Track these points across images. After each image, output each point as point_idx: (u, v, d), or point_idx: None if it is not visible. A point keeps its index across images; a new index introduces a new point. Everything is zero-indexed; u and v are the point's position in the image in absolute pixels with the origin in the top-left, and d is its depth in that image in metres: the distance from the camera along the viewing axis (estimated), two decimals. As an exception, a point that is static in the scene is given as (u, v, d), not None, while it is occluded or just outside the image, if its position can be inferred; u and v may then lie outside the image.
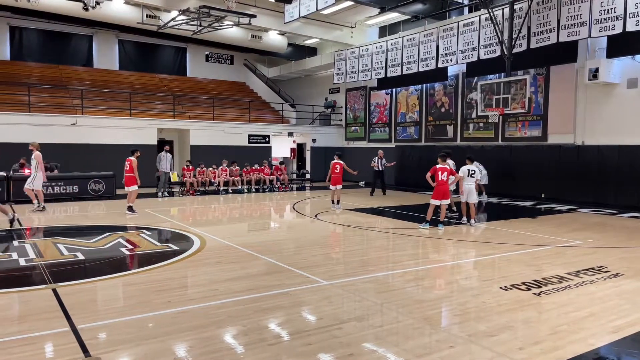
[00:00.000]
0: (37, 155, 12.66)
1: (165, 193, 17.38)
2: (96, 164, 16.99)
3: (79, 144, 18.00)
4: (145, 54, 26.89)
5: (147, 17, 20.37)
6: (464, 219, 11.19)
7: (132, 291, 5.86)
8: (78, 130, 18.11)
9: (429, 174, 10.49)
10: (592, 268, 7.03)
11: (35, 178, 12.67)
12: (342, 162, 14.32)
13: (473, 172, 11.02)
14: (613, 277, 6.56)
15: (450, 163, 11.24)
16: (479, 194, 13.88)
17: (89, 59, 25.36)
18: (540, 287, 6.03)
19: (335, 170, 13.93)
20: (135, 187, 12.70)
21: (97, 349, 4.08)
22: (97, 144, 18.29)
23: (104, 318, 4.86)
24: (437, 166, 10.41)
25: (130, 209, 12.45)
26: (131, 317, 4.89)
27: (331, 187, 13.90)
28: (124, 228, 10.37)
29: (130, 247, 8.39)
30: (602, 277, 6.55)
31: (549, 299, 5.55)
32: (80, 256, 7.57)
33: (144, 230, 10.05)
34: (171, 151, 22.16)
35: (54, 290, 5.71)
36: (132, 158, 12.80)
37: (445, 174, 10.31)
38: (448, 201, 10.55)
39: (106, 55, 25.68)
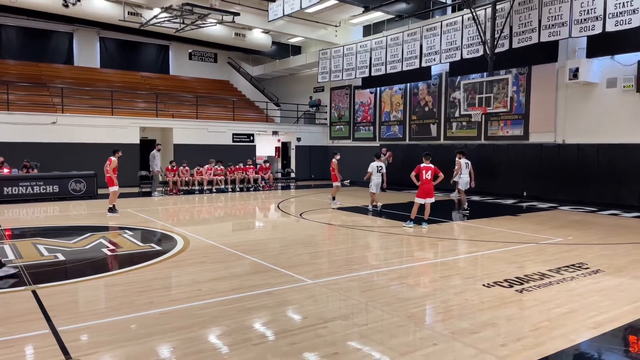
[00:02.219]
0: None
1: (160, 193, 17.21)
2: (77, 163, 16.73)
3: (60, 143, 17.72)
4: (127, 51, 26.53)
5: (128, 14, 20.11)
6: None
7: (114, 292, 5.79)
8: (58, 129, 17.82)
9: (413, 173, 10.54)
10: (573, 265, 7.14)
11: None
12: (334, 161, 15.05)
13: (380, 167, 13.14)
14: (593, 273, 6.68)
15: (463, 162, 12.98)
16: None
17: (69, 56, 24.94)
18: (522, 284, 6.11)
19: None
20: (115, 188, 12.36)
21: (78, 350, 4.01)
22: (78, 143, 18.01)
23: (85, 320, 4.79)
24: (422, 165, 10.44)
25: (110, 209, 12.26)
26: (113, 318, 4.82)
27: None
28: (105, 228, 10.23)
29: (112, 247, 8.28)
30: (583, 273, 6.66)
31: (531, 296, 5.63)
32: (61, 257, 7.45)
33: (126, 231, 9.93)
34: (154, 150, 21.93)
35: (34, 292, 5.61)
36: (113, 158, 12.50)
37: (430, 172, 10.31)
38: (432, 200, 10.54)
39: (87, 53, 25.28)
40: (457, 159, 13.44)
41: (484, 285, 6.05)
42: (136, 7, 20.25)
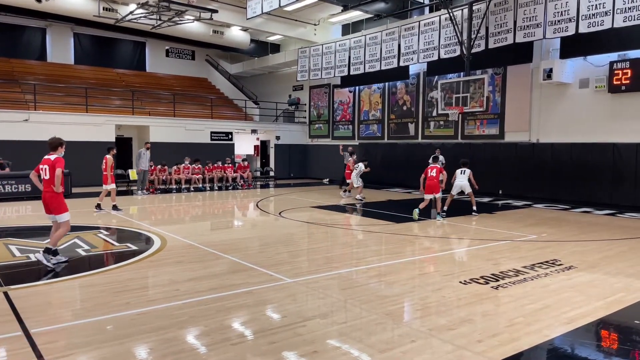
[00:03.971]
0: None
1: (145, 192, 16.95)
2: (51, 161, 16.33)
3: (32, 140, 17.23)
4: (102, 48, 26.02)
5: (104, 9, 19.76)
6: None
7: (89, 293, 5.68)
8: (31, 126, 17.38)
9: (422, 176, 11.82)
10: (547, 261, 7.30)
11: None
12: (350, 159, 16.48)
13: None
14: (566, 269, 6.83)
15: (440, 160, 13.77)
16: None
17: (42, 52, 24.33)
18: (497, 280, 6.21)
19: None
20: (112, 186, 12.61)
21: (52, 353, 3.93)
22: (52, 141, 17.58)
23: (60, 321, 4.69)
24: (429, 166, 11.96)
25: (114, 207, 12.44)
26: (88, 319, 4.73)
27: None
28: (80, 228, 10.02)
29: (86, 247, 8.12)
30: (556, 270, 6.81)
31: (506, 292, 5.73)
32: (34, 258, 7.27)
33: (102, 230, 9.76)
34: (130, 149, 21.59)
35: (5, 294, 5.46)
36: (108, 156, 12.68)
37: (435, 171, 11.66)
38: (439, 194, 11.67)
39: (61, 49, 24.70)
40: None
41: (460, 282, 6.13)
42: (111, 2, 19.89)
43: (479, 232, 9.97)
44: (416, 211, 11.30)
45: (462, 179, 12.35)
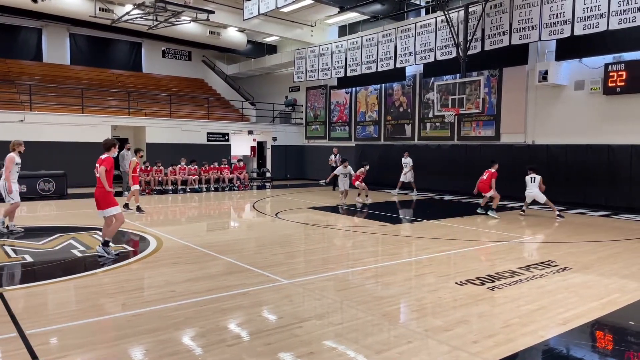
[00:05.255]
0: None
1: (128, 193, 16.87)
2: (46, 162, 16.29)
3: (28, 141, 17.07)
4: (98, 48, 25.98)
5: (100, 10, 19.72)
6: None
7: (84, 294, 5.67)
8: (26, 127, 17.30)
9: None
10: (542, 262, 7.32)
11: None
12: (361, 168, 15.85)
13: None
14: (561, 271, 6.86)
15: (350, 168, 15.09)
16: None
17: (38, 53, 24.28)
18: (493, 281, 6.23)
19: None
20: (136, 187, 12.86)
21: (47, 354, 3.92)
22: (47, 141, 17.53)
23: (55, 323, 4.67)
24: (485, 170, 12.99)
25: (138, 209, 12.53)
26: (84, 320, 4.72)
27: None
28: (75, 229, 9.99)
29: (82, 248, 8.09)
30: (551, 271, 6.83)
31: (502, 293, 5.75)
32: (29, 258, 7.25)
33: (97, 231, 9.72)
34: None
35: (1, 295, 5.44)
36: (134, 159, 12.93)
37: (487, 175, 12.76)
38: (487, 194, 12.79)
39: (56, 50, 24.65)
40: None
41: (456, 283, 6.15)
42: (108, 3, 19.85)
43: (475, 233, 9.99)
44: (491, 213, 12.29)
45: (533, 188, 11.93)
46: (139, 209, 12.47)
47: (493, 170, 12.78)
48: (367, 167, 15.48)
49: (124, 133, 21.46)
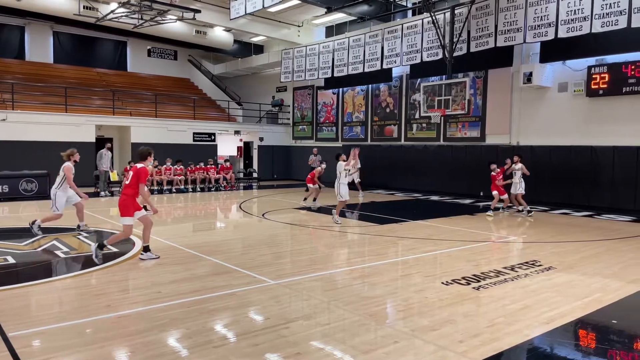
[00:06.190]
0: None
1: (107, 192, 16.69)
2: (28, 162, 16.05)
3: (10, 140, 16.94)
4: (82, 47, 25.64)
5: (84, 8, 19.45)
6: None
7: (68, 296, 5.59)
8: (8, 126, 17.03)
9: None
10: (526, 262, 7.41)
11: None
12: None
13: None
14: (545, 270, 6.95)
15: None
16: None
17: (20, 51, 23.87)
18: (479, 281, 6.29)
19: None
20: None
21: (30, 357, 3.86)
22: (30, 141, 17.26)
23: (38, 325, 4.60)
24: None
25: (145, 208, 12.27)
26: (68, 322, 4.66)
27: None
28: (58, 230, 9.86)
29: (66, 249, 7.99)
30: (536, 270, 6.92)
31: (487, 293, 5.80)
32: (11, 260, 7.13)
33: (82, 232, 9.60)
34: (111, 149, 21.29)
35: (-18, 297, 5.35)
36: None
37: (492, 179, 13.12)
38: (504, 196, 12.99)
39: (40, 48, 24.27)
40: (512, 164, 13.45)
41: (442, 283, 6.19)
42: (92, 1, 19.60)
43: (461, 233, 10.07)
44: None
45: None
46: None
47: (493, 173, 13.05)
48: (325, 167, 14.40)
49: (109, 133, 21.22)
